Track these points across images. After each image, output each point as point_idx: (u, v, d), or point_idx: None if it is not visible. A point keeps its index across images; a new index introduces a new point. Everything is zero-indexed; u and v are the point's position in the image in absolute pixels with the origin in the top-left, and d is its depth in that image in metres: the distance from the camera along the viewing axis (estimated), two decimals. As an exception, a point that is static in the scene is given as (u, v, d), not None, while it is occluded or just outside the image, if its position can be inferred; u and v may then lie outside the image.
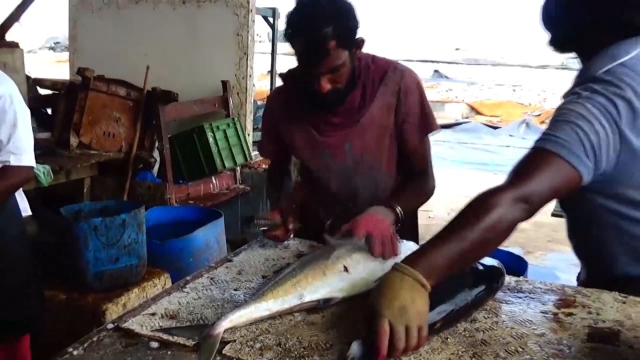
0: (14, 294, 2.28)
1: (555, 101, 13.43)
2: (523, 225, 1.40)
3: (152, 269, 2.98)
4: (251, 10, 4.94)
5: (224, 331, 1.28)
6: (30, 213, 2.52)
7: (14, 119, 2.20)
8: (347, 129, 1.89)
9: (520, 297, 1.54)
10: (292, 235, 1.86)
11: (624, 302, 1.50)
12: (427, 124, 1.92)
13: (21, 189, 2.49)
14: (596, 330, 1.36)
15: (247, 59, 4.97)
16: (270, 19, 5.54)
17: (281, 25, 5.14)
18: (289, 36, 1.73)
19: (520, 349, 1.26)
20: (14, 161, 2.21)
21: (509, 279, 1.67)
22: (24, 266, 2.37)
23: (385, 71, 1.86)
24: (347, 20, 1.71)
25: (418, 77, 1.93)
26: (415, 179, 1.96)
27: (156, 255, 3.10)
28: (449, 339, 1.29)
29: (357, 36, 1.77)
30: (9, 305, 2.29)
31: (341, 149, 1.91)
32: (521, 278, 1.69)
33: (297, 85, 1.88)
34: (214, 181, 4.72)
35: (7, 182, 2.22)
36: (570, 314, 1.43)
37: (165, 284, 2.95)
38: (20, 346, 2.43)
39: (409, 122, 1.89)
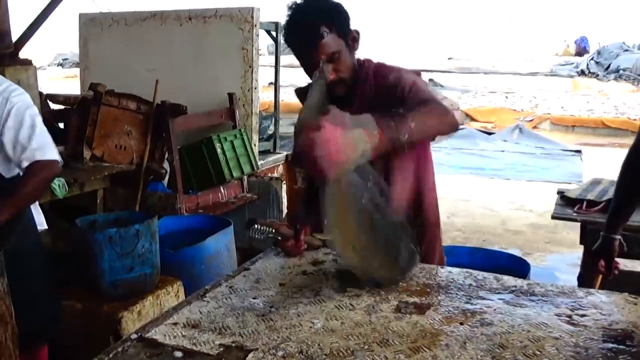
0: (31, 304, 2.25)
1: (546, 107, 13.45)
2: (521, 227, 1.38)
3: (165, 277, 2.96)
4: (255, 25, 4.92)
5: (247, 342, 1.26)
6: (46, 227, 2.50)
7: (31, 121, 2.19)
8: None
9: (533, 301, 1.51)
10: (304, 247, 1.81)
11: (635, 304, 1.48)
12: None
13: (37, 202, 2.46)
14: (610, 332, 1.33)
15: (252, 71, 4.95)
16: (273, 33, 5.52)
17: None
18: (286, 38, 1.73)
19: (538, 352, 1.24)
20: (39, 156, 2.19)
21: (521, 282, 1.64)
22: (40, 277, 2.35)
23: (382, 72, 1.77)
24: (338, 11, 1.72)
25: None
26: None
27: (169, 264, 3.08)
28: (467, 343, 1.27)
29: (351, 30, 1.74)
30: (27, 315, 2.25)
31: None
32: (533, 281, 1.66)
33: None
34: (222, 190, 4.68)
35: (40, 175, 2.21)
36: (584, 316, 1.41)
37: (178, 292, 2.93)
38: (40, 356, 2.40)
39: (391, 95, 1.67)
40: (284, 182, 5.06)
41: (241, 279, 1.65)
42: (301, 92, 1.86)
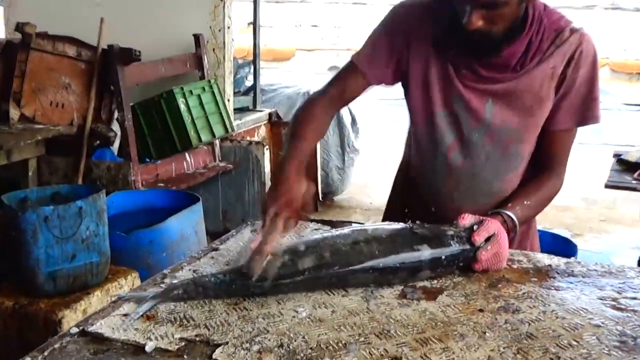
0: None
1: (605, 49, 13.37)
2: (572, 202, 1.43)
3: (116, 267, 2.99)
4: (227, -56, 4.92)
5: (215, 335, 1.31)
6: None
7: None
8: (495, 85, 1.81)
9: (572, 282, 1.57)
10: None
11: (699, 285, 1.52)
12: (588, 110, 1.83)
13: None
14: (665, 318, 1.38)
15: (224, 6, 4.94)
16: (251, -44, 5.51)
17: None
18: None
19: (575, 342, 1.29)
20: None
21: (557, 261, 1.69)
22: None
23: (560, 29, 1.79)
24: None
25: (596, 48, 1.83)
26: (545, 180, 1.90)
27: (121, 251, 3.12)
28: (487, 333, 1.32)
29: None
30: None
31: (479, 107, 1.82)
32: (572, 259, 1.71)
33: (450, 9, 1.75)
34: (188, 159, 4.72)
35: None
36: (634, 299, 1.46)
37: (133, 285, 2.97)
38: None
39: (570, 99, 1.82)
40: (267, 147, 5.09)
41: (208, 262, 1.69)
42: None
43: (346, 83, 1.90)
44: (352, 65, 1.89)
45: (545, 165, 1.90)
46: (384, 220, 2.08)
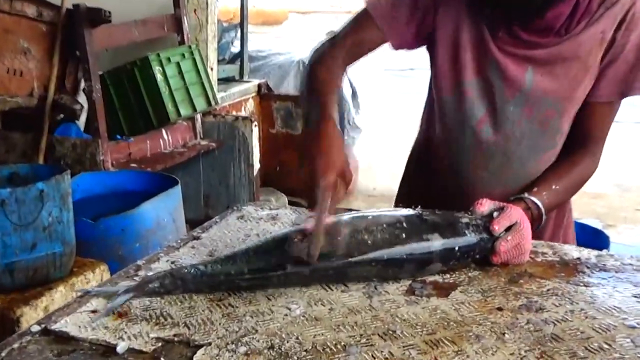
0: None
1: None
2: (604, 189, 1.44)
3: (83, 259, 2.99)
4: None
5: (196, 334, 1.32)
6: None
7: None
8: (536, 51, 1.80)
9: (604, 278, 1.57)
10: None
11: None
12: (636, 80, 1.81)
13: None
14: None
15: (206, -40, 4.94)
16: None
17: None
18: None
19: (607, 346, 1.29)
20: None
21: (587, 254, 1.70)
22: None
23: None
24: None
25: None
26: (578, 160, 1.90)
27: (88, 240, 3.12)
28: (506, 335, 1.33)
29: None
30: None
31: (517, 75, 1.82)
32: (604, 252, 1.72)
33: None
34: (165, 136, 4.72)
35: None
36: (673, 298, 1.47)
37: (102, 279, 2.98)
38: None
39: (616, 66, 1.80)
40: (255, 123, 5.09)
41: (188, 252, 1.70)
42: None
43: (363, 35, 1.87)
44: (367, 16, 1.85)
45: (579, 143, 1.89)
46: None
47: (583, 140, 1.88)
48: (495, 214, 1.65)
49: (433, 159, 2.01)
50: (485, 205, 1.67)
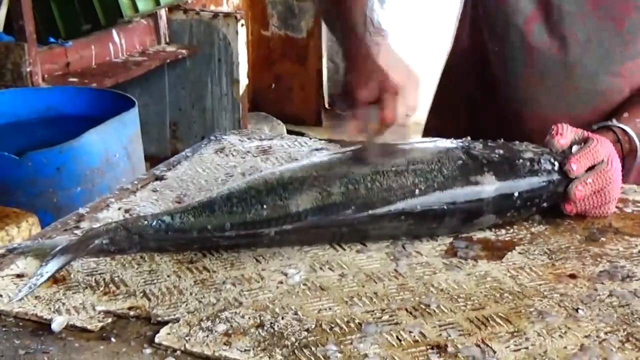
0: None
1: None
2: None
3: (3, 207, 3.01)
4: None
5: (159, 308, 1.33)
6: None
7: None
8: None
9: None
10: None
11: None
12: None
13: None
14: None
15: None
16: None
17: None
18: None
19: None
20: None
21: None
22: None
23: None
24: None
25: None
26: None
27: (11, 182, 3.14)
28: (580, 311, 1.33)
29: None
30: None
31: None
32: None
33: None
34: (117, 39, 4.70)
35: None
36: None
37: (30, 234, 3.00)
38: None
39: None
40: (242, 22, 5.05)
41: (148, 197, 1.72)
42: None
43: None
44: None
45: None
46: None
47: None
48: (574, 147, 1.64)
49: (469, 77, 2.00)
50: (564, 134, 1.65)
